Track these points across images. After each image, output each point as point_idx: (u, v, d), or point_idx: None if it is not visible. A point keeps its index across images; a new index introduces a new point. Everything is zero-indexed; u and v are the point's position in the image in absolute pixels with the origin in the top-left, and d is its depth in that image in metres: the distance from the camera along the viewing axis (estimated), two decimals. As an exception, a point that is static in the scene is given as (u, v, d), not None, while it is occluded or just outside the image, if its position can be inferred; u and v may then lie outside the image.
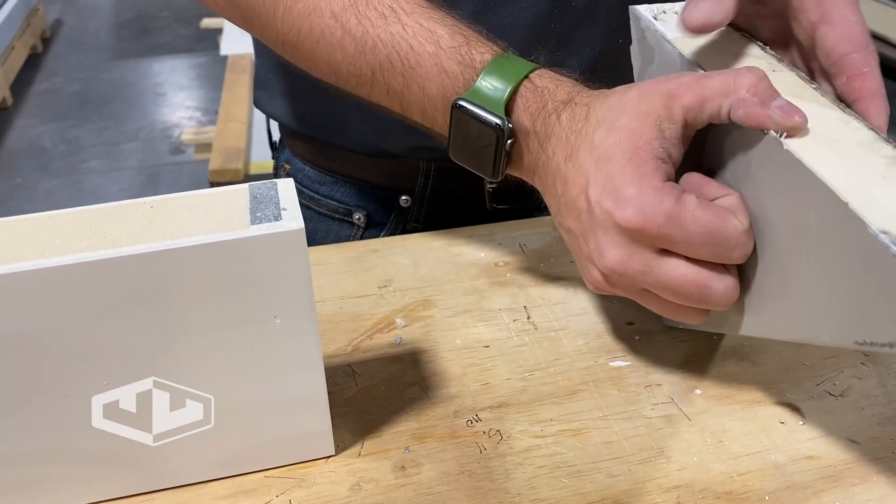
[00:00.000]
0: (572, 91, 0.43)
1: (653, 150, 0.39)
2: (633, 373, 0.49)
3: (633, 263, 0.40)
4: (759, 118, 0.37)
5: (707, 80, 0.39)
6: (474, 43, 0.45)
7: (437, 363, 0.49)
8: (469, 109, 0.44)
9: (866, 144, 0.37)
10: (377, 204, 0.69)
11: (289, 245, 0.35)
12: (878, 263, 0.32)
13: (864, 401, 0.47)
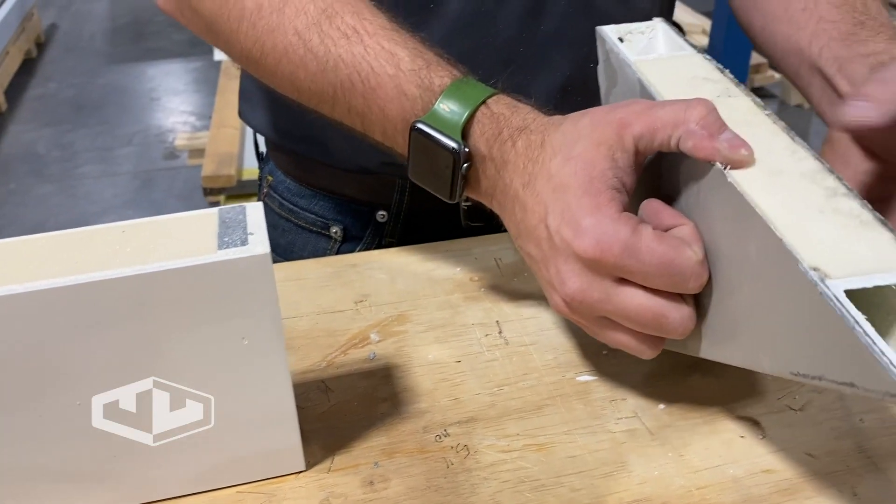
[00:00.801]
0: (527, 118, 0.45)
1: (607, 179, 0.40)
2: (599, 387, 0.50)
3: (592, 292, 0.41)
4: (707, 150, 0.39)
5: (658, 109, 0.40)
6: (434, 67, 0.47)
7: (409, 378, 0.50)
8: (427, 132, 0.45)
9: (809, 175, 0.38)
10: (354, 218, 0.70)
11: (255, 269, 0.36)
12: (809, 299, 0.33)
13: (822, 415, 0.48)
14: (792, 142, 0.40)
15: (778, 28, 0.58)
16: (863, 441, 0.46)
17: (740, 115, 0.42)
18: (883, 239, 0.34)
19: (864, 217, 0.36)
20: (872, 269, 0.33)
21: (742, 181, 0.37)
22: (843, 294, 0.32)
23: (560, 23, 0.61)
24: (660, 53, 0.50)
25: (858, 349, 0.30)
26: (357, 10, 0.49)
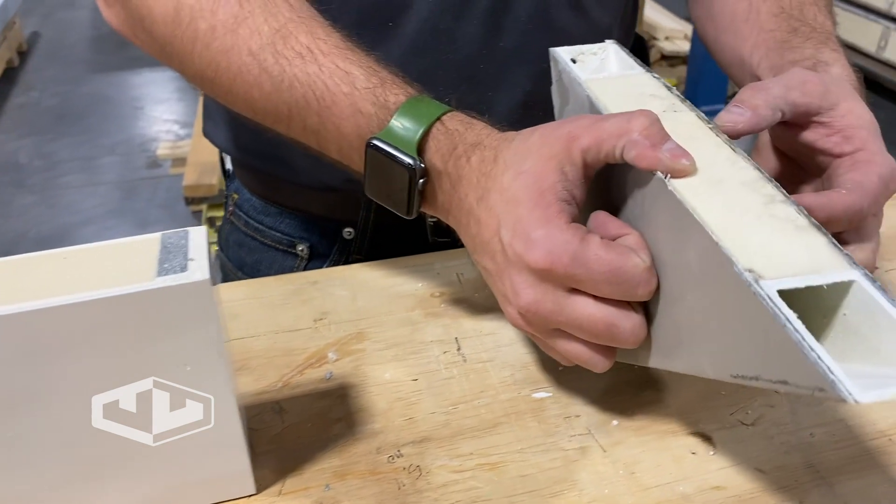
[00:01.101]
0: (481, 134, 0.45)
1: (557, 192, 0.41)
2: (553, 404, 0.50)
3: (545, 303, 0.41)
4: (649, 160, 0.39)
5: (603, 122, 0.41)
6: (389, 85, 0.47)
7: (364, 398, 0.50)
8: (382, 149, 0.45)
9: (749, 184, 0.39)
10: (320, 236, 0.70)
11: (194, 296, 0.36)
12: (745, 301, 0.34)
13: (773, 429, 0.48)
14: (734, 153, 0.41)
15: (725, 39, 0.59)
16: (812, 456, 0.46)
17: (685, 128, 0.43)
18: (818, 243, 0.35)
19: (800, 222, 0.37)
20: (806, 271, 0.34)
21: (682, 189, 0.38)
22: (776, 293, 0.32)
23: (519, 39, 0.62)
24: (610, 73, 0.51)
25: (789, 346, 0.31)
26: (311, 30, 0.49)
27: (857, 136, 0.44)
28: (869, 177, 0.42)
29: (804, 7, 0.56)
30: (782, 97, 0.43)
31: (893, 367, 0.32)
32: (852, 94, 0.46)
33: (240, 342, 0.55)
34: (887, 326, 0.33)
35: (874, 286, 0.33)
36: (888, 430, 0.48)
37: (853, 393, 0.29)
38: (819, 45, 0.52)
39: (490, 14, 0.60)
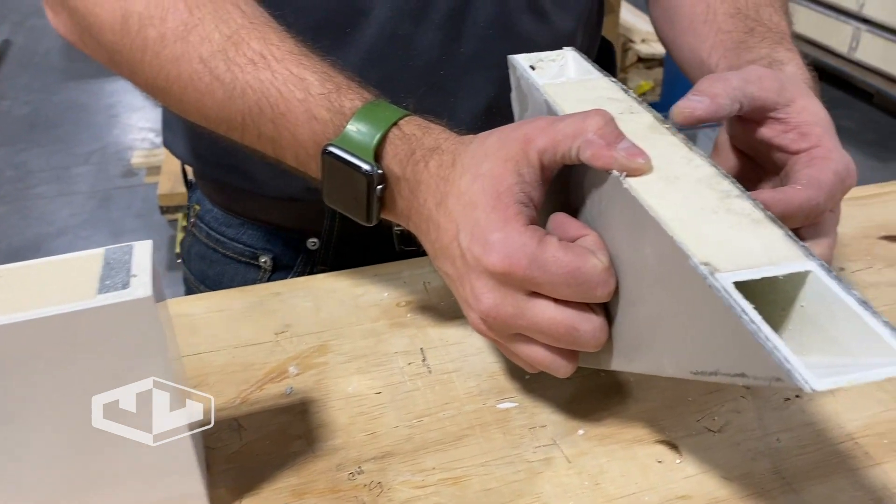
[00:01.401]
0: (439, 138, 0.45)
1: (514, 195, 0.40)
2: (519, 414, 0.49)
3: (505, 307, 0.41)
4: (605, 159, 0.39)
5: (559, 123, 0.40)
6: (345, 90, 0.46)
7: (325, 413, 0.49)
8: (339, 155, 0.45)
9: (704, 181, 0.39)
10: (284, 247, 0.69)
11: (136, 313, 0.35)
12: (702, 295, 0.33)
13: (740, 435, 0.48)
14: (690, 151, 0.41)
15: (684, 40, 0.59)
16: (778, 462, 0.46)
17: (642, 129, 0.43)
18: (774, 235, 0.35)
19: (756, 216, 0.36)
20: (762, 263, 0.33)
21: (638, 187, 0.38)
22: (732, 285, 0.32)
23: (480, 45, 0.61)
24: (569, 78, 0.50)
25: (746, 337, 0.31)
26: (264, 36, 0.48)
27: (813, 133, 0.44)
28: (825, 173, 0.42)
29: (760, 8, 0.56)
30: (741, 89, 0.43)
31: (851, 357, 0.32)
32: (807, 92, 0.46)
33: (198, 357, 0.54)
34: (844, 316, 0.32)
35: (830, 276, 0.33)
36: (855, 433, 0.48)
37: (809, 381, 0.29)
38: (774, 45, 0.52)
39: (449, 20, 0.59)
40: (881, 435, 0.47)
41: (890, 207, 0.71)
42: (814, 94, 0.46)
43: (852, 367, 0.30)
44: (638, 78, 3.12)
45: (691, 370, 0.37)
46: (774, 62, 0.50)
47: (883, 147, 3.00)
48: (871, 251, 0.65)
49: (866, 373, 0.29)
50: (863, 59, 3.28)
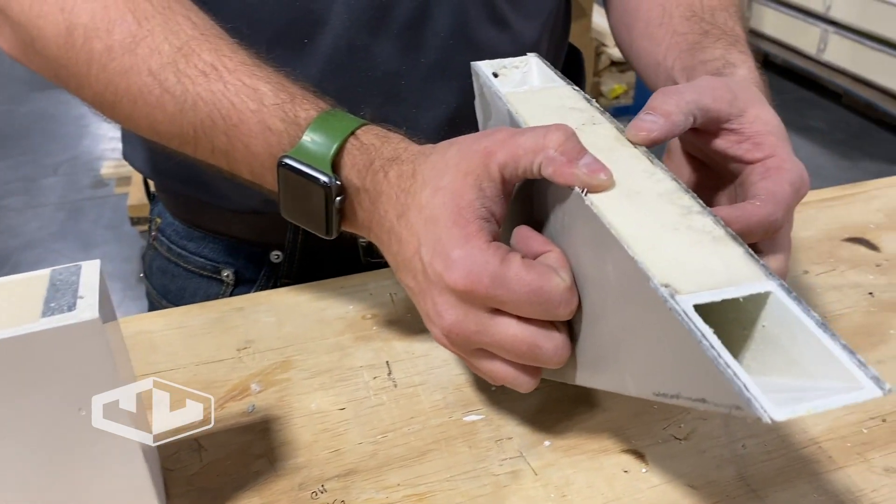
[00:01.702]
0: (398, 148, 0.44)
1: (476, 210, 0.40)
2: (485, 427, 0.49)
3: (467, 323, 0.40)
4: (566, 176, 0.39)
5: (519, 137, 0.40)
6: (299, 100, 0.45)
7: (288, 431, 0.48)
8: (295, 167, 0.44)
9: (665, 195, 0.38)
10: (247, 260, 0.68)
11: (83, 336, 0.34)
12: (662, 316, 0.33)
13: (706, 443, 0.47)
14: (651, 165, 0.41)
15: (641, 44, 0.60)
16: (744, 468, 0.46)
17: (604, 141, 0.43)
18: (734, 254, 0.35)
19: (717, 233, 0.36)
20: (722, 284, 0.33)
21: (599, 203, 0.37)
22: (692, 309, 0.32)
23: (441, 55, 0.61)
24: (532, 86, 0.50)
25: (706, 363, 0.31)
26: (216, 48, 0.47)
27: (767, 143, 0.43)
28: (781, 185, 0.42)
29: (715, 12, 0.57)
30: (694, 101, 0.43)
31: (811, 380, 0.32)
32: (759, 99, 0.46)
33: (157, 377, 0.52)
34: (804, 338, 0.32)
35: (790, 297, 0.33)
36: (818, 438, 0.48)
37: (768, 411, 0.28)
38: (728, 47, 0.52)
39: (408, 30, 0.59)
40: (844, 438, 0.48)
41: (853, 209, 0.72)
42: (765, 101, 0.46)
43: (812, 393, 0.30)
44: (611, 81, 3.14)
45: (653, 391, 0.36)
46: (728, 64, 0.50)
47: (852, 146, 3.04)
48: (834, 253, 0.66)
49: (825, 401, 0.29)
50: (831, 61, 3.32)
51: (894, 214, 0.70)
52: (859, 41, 3.17)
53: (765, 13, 3.62)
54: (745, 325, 0.34)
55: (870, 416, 0.49)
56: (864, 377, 0.30)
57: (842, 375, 0.30)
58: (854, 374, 0.30)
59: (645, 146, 0.43)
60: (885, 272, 0.63)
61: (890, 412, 0.49)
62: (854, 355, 0.31)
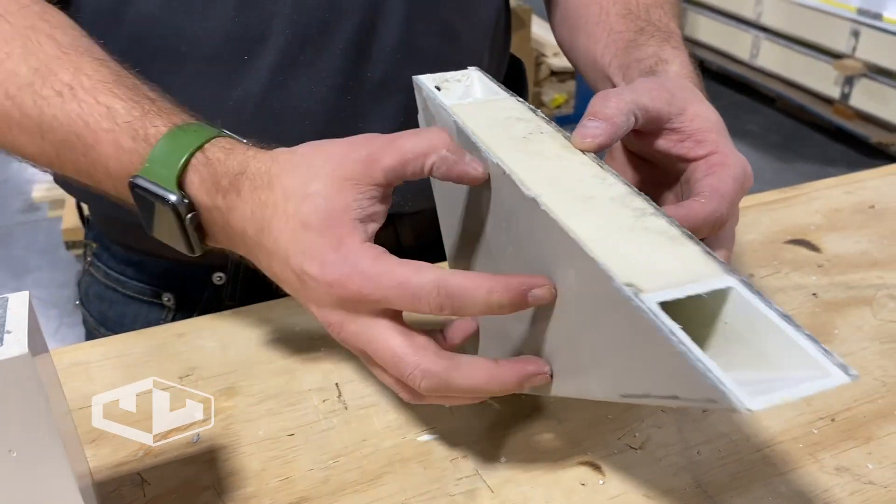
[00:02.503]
0: (245, 160, 0.42)
1: (351, 212, 0.39)
2: (440, 446, 0.48)
3: (349, 325, 0.40)
4: (459, 172, 0.40)
5: (405, 140, 0.40)
6: (151, 116, 0.44)
7: (236, 460, 0.47)
8: (144, 187, 0.42)
9: (618, 199, 0.38)
10: (188, 283, 0.66)
11: (12, 373, 0.32)
12: (627, 316, 0.33)
13: (661, 451, 0.47)
14: (602, 170, 0.41)
15: (580, 42, 0.60)
16: (700, 475, 0.46)
17: (551, 149, 0.43)
18: (692, 252, 0.35)
19: (673, 233, 0.36)
20: (684, 281, 0.33)
21: (555, 209, 0.37)
22: (657, 306, 0.32)
23: (387, 70, 0.60)
24: (476, 98, 0.50)
25: (676, 359, 0.30)
26: (77, 66, 0.46)
27: (708, 140, 0.44)
28: (724, 181, 0.42)
29: (650, 9, 0.57)
30: (633, 101, 0.43)
31: (778, 371, 0.32)
32: (696, 96, 0.46)
33: (94, 411, 0.50)
34: (767, 330, 0.32)
35: (751, 291, 0.33)
36: (771, 440, 0.48)
37: (744, 401, 0.28)
38: (661, 43, 0.53)
39: (354, 45, 0.58)
40: (796, 440, 0.48)
41: (794, 211, 0.73)
42: (702, 96, 0.47)
43: (781, 383, 0.30)
44: (552, 91, 3.18)
45: (620, 393, 0.36)
46: (660, 61, 0.51)
47: (786, 149, 3.13)
48: (777, 255, 0.67)
49: (797, 388, 0.29)
50: (764, 66, 3.42)
51: (833, 215, 0.72)
52: (789, 46, 3.27)
53: (699, 20, 3.71)
54: (706, 322, 0.34)
55: (819, 417, 0.50)
56: (830, 365, 0.30)
57: (809, 364, 0.30)
58: (821, 363, 0.30)
59: (592, 152, 0.43)
60: (826, 273, 0.64)
61: (839, 412, 0.50)
62: (818, 344, 0.31)
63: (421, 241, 0.70)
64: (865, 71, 2.95)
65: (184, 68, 0.56)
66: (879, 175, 0.79)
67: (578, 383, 0.40)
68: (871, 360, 0.55)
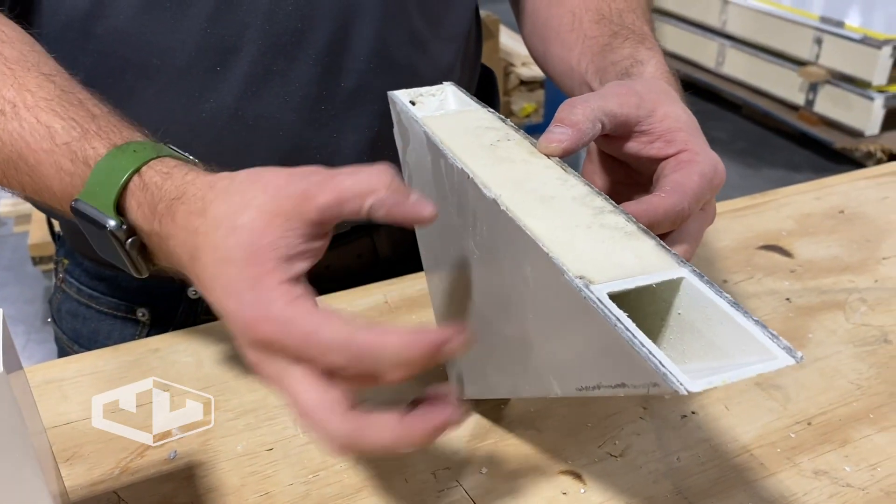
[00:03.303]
0: (182, 184, 0.40)
1: (275, 250, 0.36)
2: (420, 459, 0.48)
3: (265, 367, 0.36)
4: (401, 215, 0.37)
5: (343, 178, 0.37)
6: (91, 137, 0.43)
7: (214, 476, 0.46)
8: (84, 211, 0.41)
9: (579, 199, 0.39)
10: (162, 298, 0.65)
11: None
12: (578, 309, 0.33)
13: (641, 458, 0.48)
14: (564, 172, 0.42)
15: (553, 51, 0.60)
16: (679, 481, 0.46)
17: (518, 155, 0.43)
18: (646, 246, 0.36)
19: (629, 229, 0.37)
20: (636, 273, 0.34)
21: (514, 208, 0.38)
22: (606, 296, 0.32)
23: (361, 80, 0.60)
24: (448, 111, 0.50)
25: (622, 346, 0.31)
26: (22, 83, 0.45)
27: (678, 139, 0.44)
28: (690, 176, 0.42)
29: (623, 14, 0.58)
30: (600, 108, 0.43)
31: (729, 359, 0.33)
32: (667, 97, 0.46)
33: (69, 427, 0.49)
34: (718, 319, 0.33)
35: (702, 281, 0.34)
36: (749, 445, 0.48)
37: (684, 384, 0.29)
38: (636, 45, 0.53)
39: (327, 55, 0.58)
40: (774, 444, 0.48)
41: (765, 217, 0.74)
42: (675, 95, 0.47)
43: (727, 367, 0.31)
44: (521, 101, 3.19)
45: (576, 387, 0.36)
46: (636, 62, 0.51)
47: (753, 155, 3.18)
48: (750, 261, 0.67)
49: (738, 371, 0.30)
50: (729, 73, 3.47)
51: (804, 221, 0.73)
52: (755, 54, 3.33)
53: (665, 29, 3.76)
54: (661, 315, 0.35)
55: (796, 421, 0.50)
56: (776, 348, 0.31)
57: (756, 350, 0.31)
58: (768, 347, 0.31)
59: (558, 157, 0.43)
60: (799, 277, 0.65)
61: (815, 415, 0.51)
62: (766, 329, 0.31)
63: (398, 251, 0.69)
64: (829, 77, 3.01)
65: (155, 81, 0.56)
66: (847, 180, 0.81)
67: (538, 382, 0.40)
68: (846, 364, 0.55)
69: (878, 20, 3.08)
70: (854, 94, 2.95)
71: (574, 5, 0.61)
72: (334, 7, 0.57)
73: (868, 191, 0.79)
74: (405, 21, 0.61)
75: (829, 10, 3.08)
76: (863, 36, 2.86)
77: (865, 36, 2.85)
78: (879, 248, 0.69)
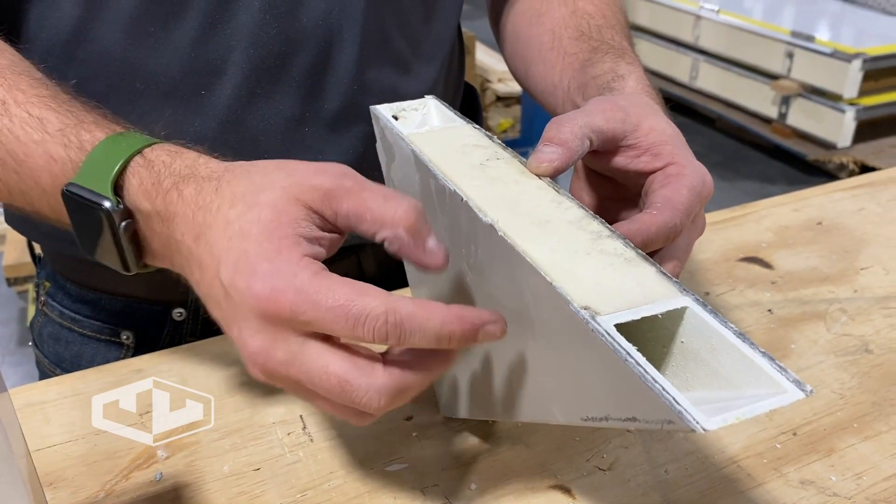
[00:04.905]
0: (195, 163, 0.39)
1: (297, 224, 0.36)
2: (409, 476, 0.47)
3: (276, 351, 0.35)
4: (412, 258, 0.37)
5: (371, 198, 0.37)
6: (87, 124, 0.42)
7: (201, 497, 0.46)
8: (76, 193, 0.39)
9: (575, 223, 0.39)
10: (147, 320, 0.64)
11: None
12: (584, 339, 0.33)
13: (630, 471, 0.48)
14: (557, 194, 0.42)
15: (535, 70, 0.61)
16: (668, 493, 0.46)
17: (508, 175, 0.43)
18: (647, 274, 0.36)
19: (628, 255, 0.37)
20: (640, 302, 0.34)
21: (512, 234, 0.37)
22: (614, 328, 0.32)
23: (344, 101, 0.60)
24: (432, 126, 0.50)
25: (633, 381, 0.31)
26: (12, 83, 0.44)
27: (664, 152, 0.44)
28: (678, 191, 0.42)
29: (602, 30, 0.59)
30: (587, 125, 0.43)
31: (735, 389, 0.32)
32: (651, 111, 0.46)
33: (53, 450, 0.48)
34: (723, 349, 0.33)
35: (706, 310, 0.34)
36: (736, 456, 0.49)
37: (700, 421, 0.29)
38: (616, 59, 0.54)
39: (309, 77, 0.58)
40: (760, 455, 0.49)
41: (745, 229, 0.75)
42: (658, 109, 0.47)
43: (738, 402, 0.30)
44: (498, 116, 3.21)
45: (581, 417, 0.36)
46: (617, 77, 0.52)
47: (728, 168, 3.21)
48: (731, 273, 0.68)
49: (753, 406, 0.30)
50: (703, 87, 3.52)
51: (783, 233, 0.74)
52: (728, 68, 3.37)
53: (639, 44, 3.77)
54: (663, 342, 0.35)
55: (781, 431, 0.51)
56: (786, 381, 0.31)
57: (764, 382, 0.31)
58: (776, 380, 0.31)
59: (549, 176, 0.43)
60: (780, 289, 0.66)
61: (800, 425, 0.51)
62: (774, 361, 0.31)
63: (383, 270, 0.69)
64: (801, 91, 3.06)
65: (139, 104, 0.55)
66: (823, 192, 0.82)
67: (540, 408, 0.40)
68: (829, 374, 0.56)
69: (848, 34, 3.14)
70: (826, 107, 2.99)
71: (554, 24, 0.61)
72: (317, 30, 0.57)
73: (844, 202, 0.80)
74: (386, 43, 0.61)
75: (800, 24, 3.14)
76: (833, 50, 2.91)
77: (835, 50, 2.90)
78: (857, 258, 0.70)
